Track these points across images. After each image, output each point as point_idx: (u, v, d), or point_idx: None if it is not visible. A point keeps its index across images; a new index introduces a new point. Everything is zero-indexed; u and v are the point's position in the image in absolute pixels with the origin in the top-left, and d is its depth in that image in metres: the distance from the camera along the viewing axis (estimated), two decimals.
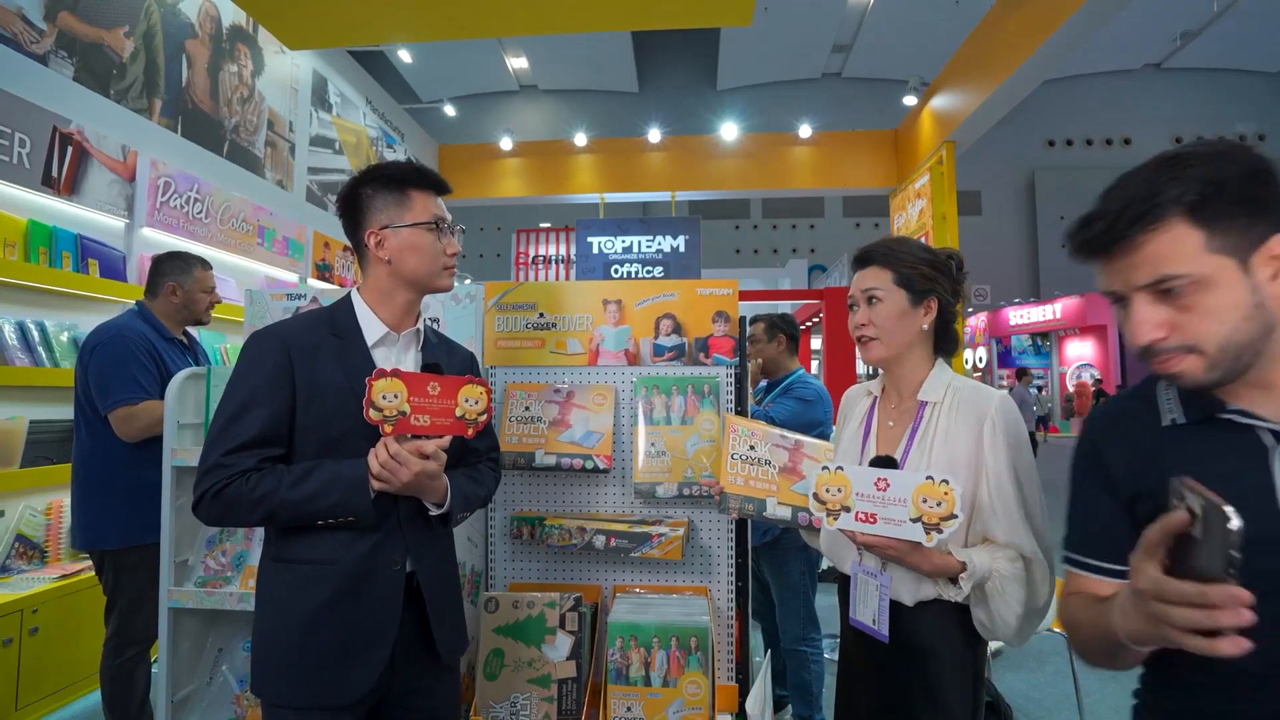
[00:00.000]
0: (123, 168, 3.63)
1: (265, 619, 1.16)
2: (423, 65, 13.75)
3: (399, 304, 1.26)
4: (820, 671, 2.42)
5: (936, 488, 1.05)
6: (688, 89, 17.75)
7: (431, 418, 1.12)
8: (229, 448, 1.11)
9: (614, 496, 1.85)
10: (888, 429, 1.28)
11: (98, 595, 2.78)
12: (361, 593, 1.14)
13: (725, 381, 1.83)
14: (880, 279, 1.25)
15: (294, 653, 1.12)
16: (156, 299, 2.29)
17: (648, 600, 1.71)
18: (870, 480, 1.09)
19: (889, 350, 1.25)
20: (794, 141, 9.34)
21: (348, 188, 1.26)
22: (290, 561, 1.16)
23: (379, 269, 1.25)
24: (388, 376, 1.10)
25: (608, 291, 1.91)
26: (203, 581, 1.80)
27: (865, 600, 1.18)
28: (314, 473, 1.11)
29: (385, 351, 1.25)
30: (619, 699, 1.53)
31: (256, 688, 1.15)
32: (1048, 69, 5.97)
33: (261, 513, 1.10)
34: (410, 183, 1.24)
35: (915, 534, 1.05)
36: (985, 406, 1.17)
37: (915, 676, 1.16)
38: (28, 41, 3.22)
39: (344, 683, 1.12)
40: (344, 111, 6.98)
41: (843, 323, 5.47)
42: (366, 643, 1.14)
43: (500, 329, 1.93)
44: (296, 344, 1.17)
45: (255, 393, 1.14)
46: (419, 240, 1.23)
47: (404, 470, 1.09)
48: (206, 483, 1.10)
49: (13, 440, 2.80)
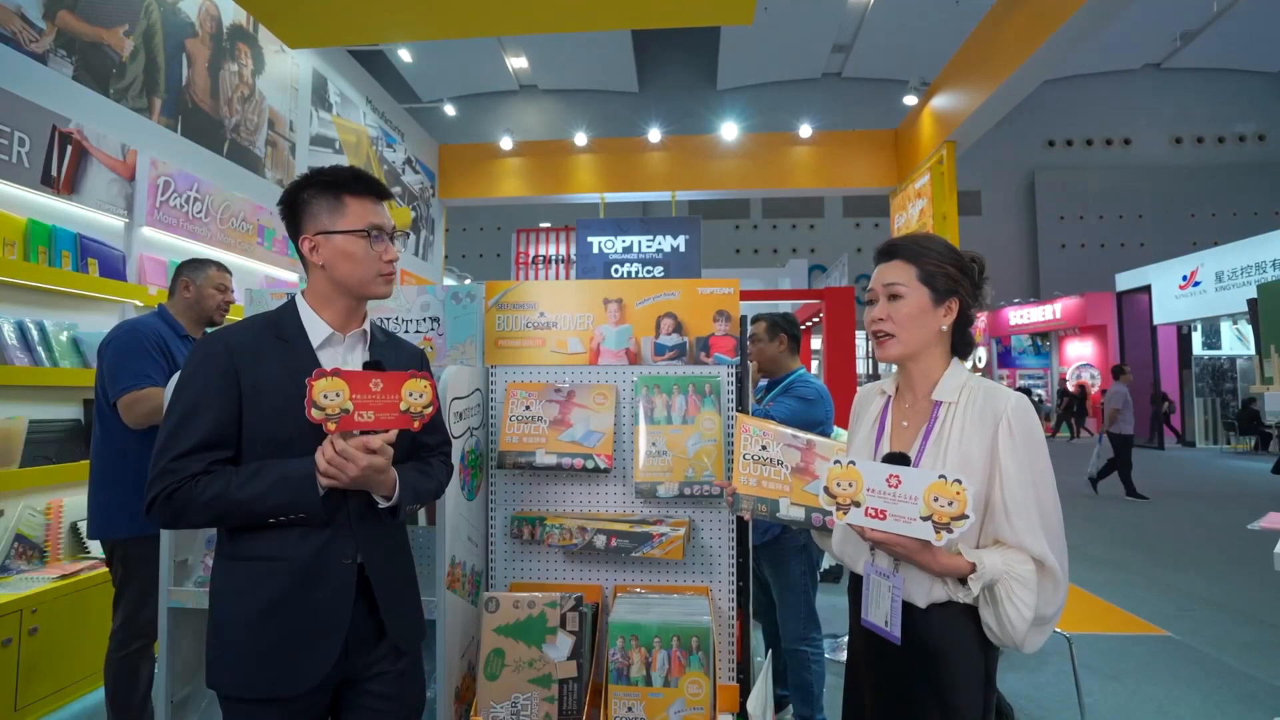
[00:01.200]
0: (122, 167, 3.62)
1: (217, 613, 1.18)
2: (423, 65, 13.76)
3: (339, 308, 1.27)
4: (821, 671, 2.41)
5: (949, 487, 1.03)
6: (688, 89, 17.76)
7: (375, 413, 1.13)
8: (177, 452, 1.13)
9: (615, 496, 1.84)
10: (901, 429, 1.26)
11: (97, 595, 2.79)
12: (312, 587, 1.16)
13: (726, 381, 1.82)
14: (904, 274, 1.22)
15: (246, 646, 1.14)
16: (173, 298, 2.39)
17: (649, 600, 1.71)
18: (882, 476, 1.08)
19: (905, 349, 1.22)
20: (794, 141, 9.34)
21: (288, 191, 1.26)
22: (242, 559, 1.18)
23: (317, 274, 1.26)
24: (328, 376, 1.11)
25: (608, 291, 1.90)
26: (202, 581, 1.80)
27: (877, 601, 1.17)
28: (261, 473, 1.13)
29: (332, 352, 1.26)
30: (620, 699, 1.53)
31: (211, 681, 1.17)
32: (1049, 68, 5.98)
33: (212, 514, 1.12)
34: (345, 189, 1.24)
35: (925, 532, 1.04)
36: (1001, 407, 1.14)
37: (926, 678, 1.14)
38: (27, 40, 3.22)
39: (295, 674, 1.14)
40: (344, 111, 6.97)
41: (843, 323, 5.47)
42: (317, 634, 1.16)
43: (500, 328, 1.92)
44: (241, 348, 1.19)
45: (201, 397, 1.15)
46: (351, 247, 1.23)
47: (350, 465, 1.10)
48: (156, 487, 1.12)
49: (12, 440, 2.79)
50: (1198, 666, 3.22)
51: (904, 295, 1.21)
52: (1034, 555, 1.09)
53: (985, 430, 1.14)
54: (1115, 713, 2.77)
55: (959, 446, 1.15)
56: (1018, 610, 1.08)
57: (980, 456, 1.13)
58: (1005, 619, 1.09)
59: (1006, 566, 1.08)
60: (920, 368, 1.24)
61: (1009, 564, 1.09)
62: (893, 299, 1.22)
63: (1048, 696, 2.86)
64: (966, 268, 1.23)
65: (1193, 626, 3.75)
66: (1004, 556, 1.10)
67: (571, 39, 14.33)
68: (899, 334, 1.21)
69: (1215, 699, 2.88)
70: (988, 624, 1.12)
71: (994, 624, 1.11)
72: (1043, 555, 1.09)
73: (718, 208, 17.97)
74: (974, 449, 1.14)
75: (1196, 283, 12.43)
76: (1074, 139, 19.46)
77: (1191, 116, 18.89)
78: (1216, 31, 15.89)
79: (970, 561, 1.08)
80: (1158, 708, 2.81)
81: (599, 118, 15.38)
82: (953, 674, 1.13)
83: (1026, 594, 1.08)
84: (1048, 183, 19.19)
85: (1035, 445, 1.13)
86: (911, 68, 9.52)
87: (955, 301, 1.22)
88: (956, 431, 1.17)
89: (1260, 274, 10.71)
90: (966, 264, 1.24)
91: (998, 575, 1.08)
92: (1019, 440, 1.12)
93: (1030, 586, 1.08)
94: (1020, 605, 1.08)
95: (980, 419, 1.15)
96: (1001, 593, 1.09)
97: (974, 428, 1.15)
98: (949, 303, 1.22)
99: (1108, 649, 3.40)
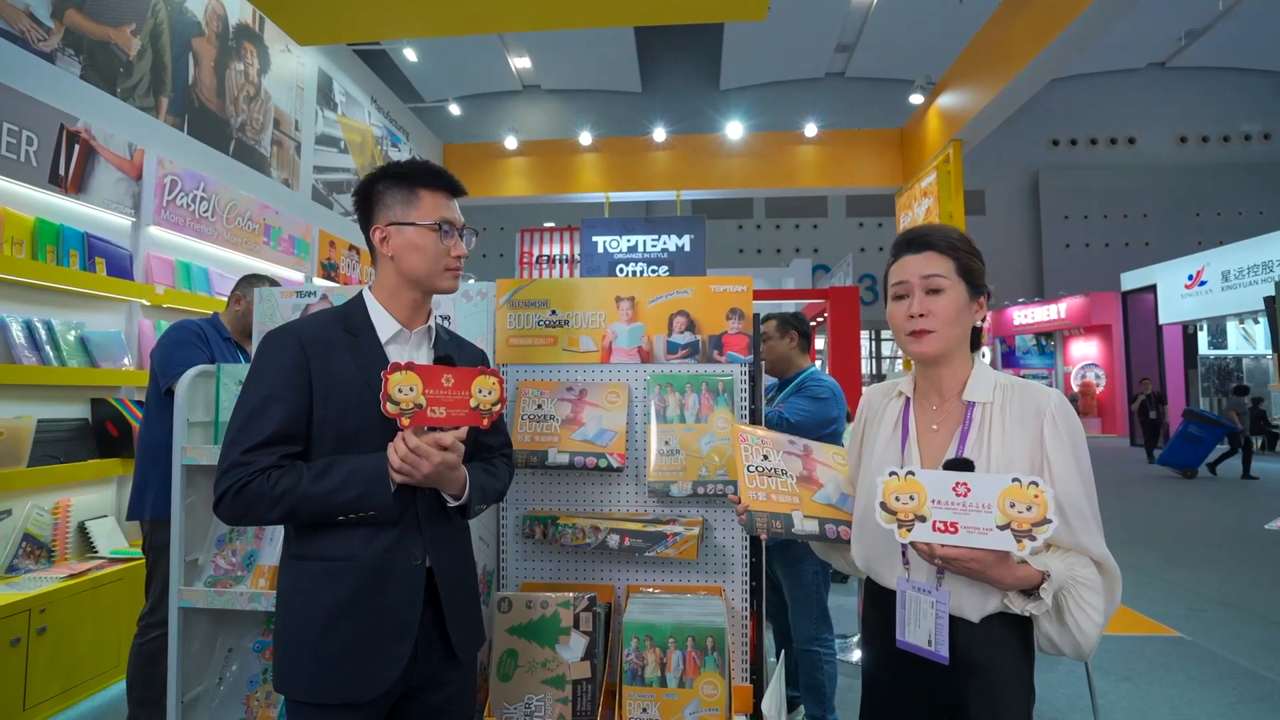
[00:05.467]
0: (130, 166, 3.62)
1: (286, 616, 1.15)
2: (427, 66, 13.76)
3: (406, 302, 1.26)
4: (833, 672, 2.39)
5: (1025, 490, 0.94)
6: (691, 89, 17.75)
7: (447, 409, 1.13)
8: (248, 445, 1.10)
9: (628, 495, 1.83)
10: (931, 433, 1.18)
11: (106, 594, 2.79)
12: (381, 588, 1.14)
13: (740, 379, 1.81)
14: (943, 266, 1.13)
15: (317, 649, 1.11)
16: (227, 310, 2.62)
17: (662, 600, 1.69)
18: (948, 485, 0.97)
19: (944, 345, 1.13)
20: (799, 140, 9.33)
21: (363, 183, 1.27)
22: (310, 559, 1.15)
23: (386, 265, 1.26)
24: (403, 370, 1.10)
25: (620, 288, 1.89)
26: (213, 581, 1.79)
27: (918, 619, 1.07)
28: (334, 468, 1.11)
29: (398, 348, 1.26)
30: (634, 700, 1.51)
31: (279, 685, 1.14)
32: (1058, 66, 5.96)
33: (282, 509, 1.09)
34: (420, 182, 1.24)
35: (1005, 542, 0.93)
36: (1043, 404, 1.08)
37: (977, 696, 1.07)
38: (35, 39, 3.22)
39: (369, 677, 1.12)
40: (349, 110, 6.97)
41: (847, 323, 5.46)
42: (389, 637, 1.13)
43: (512, 326, 1.91)
44: (312, 341, 1.17)
45: (274, 390, 1.13)
46: (422, 240, 1.23)
47: (425, 462, 1.09)
48: (227, 481, 1.10)
49: (20, 439, 2.79)
50: (1211, 668, 3.19)
51: (944, 289, 1.12)
52: (1094, 557, 1.04)
53: (1029, 430, 1.08)
54: (1129, 715, 2.75)
55: (1002, 449, 1.08)
56: (1088, 617, 1.02)
57: (1025, 458, 1.07)
58: (1075, 627, 1.03)
59: (1071, 572, 1.02)
60: (950, 367, 1.17)
61: (1072, 569, 1.02)
62: (932, 293, 1.13)
63: (1059, 697, 2.84)
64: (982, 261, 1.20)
65: (1205, 627, 3.72)
66: (1064, 561, 1.03)
67: (574, 40, 14.32)
68: (940, 330, 1.12)
69: (1230, 701, 2.86)
70: (1047, 635, 1.06)
71: (1055, 634, 1.05)
72: (1102, 556, 1.04)
73: (721, 207, 17.95)
74: (1018, 451, 1.07)
75: (1202, 282, 12.37)
76: (1078, 138, 19.39)
77: (1196, 116, 18.80)
78: (1221, 30, 15.82)
79: (1041, 570, 1.00)
80: (1172, 709, 2.79)
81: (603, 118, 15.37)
82: (1004, 689, 1.06)
83: (1095, 598, 1.03)
84: (1052, 182, 19.12)
85: (1080, 442, 1.08)
86: (914, 68, 9.49)
87: (985, 297, 1.17)
88: (998, 433, 1.09)
89: (1268, 273, 10.65)
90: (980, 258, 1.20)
91: (1063, 581, 1.02)
92: (1065, 438, 1.06)
93: (1098, 590, 1.03)
94: (1091, 611, 1.02)
95: (1022, 419, 1.09)
96: (1068, 601, 1.02)
97: (1016, 428, 1.09)
98: (980, 298, 1.17)
99: (1119, 650, 3.38)
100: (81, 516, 3.10)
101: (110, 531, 3.16)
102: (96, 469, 3.10)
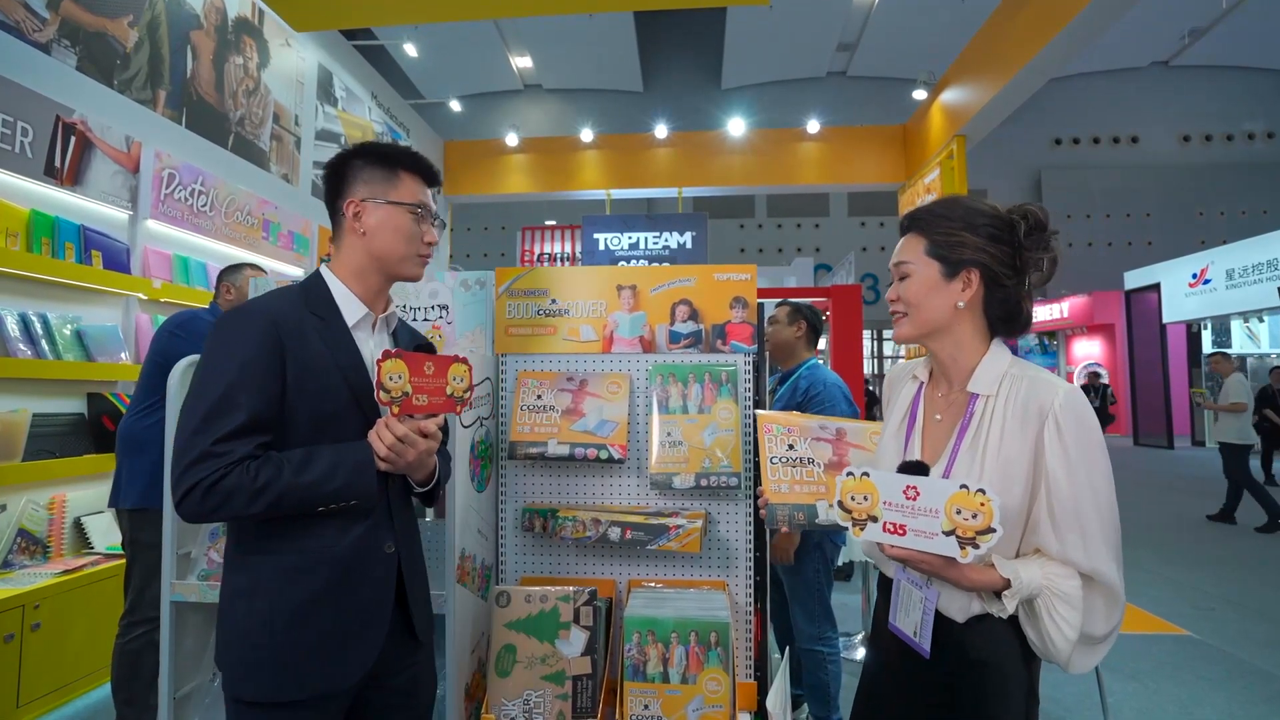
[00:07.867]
0: (126, 159, 3.59)
1: (247, 615, 1.07)
2: (427, 63, 13.71)
3: (371, 285, 1.21)
4: (838, 671, 2.35)
5: (972, 498, 0.93)
6: (692, 88, 17.70)
7: (429, 397, 1.12)
8: (222, 433, 1.01)
9: (629, 487, 1.79)
10: (934, 424, 1.14)
11: (100, 590, 2.75)
12: (354, 580, 1.11)
13: (744, 369, 1.77)
14: (911, 250, 1.12)
15: (287, 645, 1.06)
16: (217, 300, 2.62)
17: (664, 594, 1.66)
18: (899, 488, 0.99)
19: (916, 329, 1.12)
20: (801, 136, 9.30)
21: (338, 156, 1.21)
22: (279, 553, 1.09)
23: (354, 242, 1.19)
24: (393, 357, 1.08)
25: (622, 277, 1.85)
26: (205, 575, 1.75)
27: (908, 609, 1.08)
28: (316, 457, 1.06)
29: (364, 335, 1.21)
30: (636, 696, 1.47)
31: (238, 689, 1.06)
32: (1062, 61, 5.92)
33: (263, 503, 1.01)
34: (401, 164, 1.21)
35: (948, 548, 0.94)
36: (1047, 402, 1.01)
37: (967, 690, 1.06)
38: (30, 30, 3.18)
39: (344, 666, 1.09)
40: (349, 106, 6.94)
41: (849, 321, 5.42)
42: (365, 625, 1.12)
43: (511, 315, 1.87)
44: (284, 322, 1.10)
45: (245, 373, 1.04)
46: (399, 220, 1.18)
47: (411, 450, 1.09)
48: (197, 475, 0.99)
49: (15, 433, 2.76)
50: (1219, 666, 3.15)
51: (911, 273, 1.12)
52: (1082, 570, 0.98)
53: (1028, 430, 1.02)
54: (1138, 714, 2.71)
55: (998, 449, 1.03)
56: (1059, 629, 0.98)
57: (1022, 460, 1.01)
58: (1047, 637, 0.99)
59: (1047, 581, 0.98)
60: (946, 351, 1.12)
61: (1050, 578, 0.98)
62: (903, 278, 1.13)
63: (1066, 696, 2.80)
64: (1000, 230, 1.08)
65: (1212, 626, 3.68)
66: (1044, 569, 0.99)
67: (576, 39, 14.29)
68: (911, 313, 1.12)
69: (1239, 699, 2.82)
70: (1031, 639, 1.03)
71: (1037, 640, 1.02)
72: (1093, 570, 0.97)
73: (722, 206, 17.90)
74: (1014, 452, 1.02)
75: (1206, 280, 12.31)
76: (1080, 137, 19.31)
77: (1200, 114, 18.73)
78: (1225, 29, 15.74)
79: (1004, 577, 0.98)
80: (1181, 708, 2.75)
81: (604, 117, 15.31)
82: (995, 686, 1.04)
83: (1070, 612, 0.97)
84: (1054, 181, 19.04)
85: (1090, 446, 1.00)
86: (917, 67, 9.43)
87: (974, 273, 1.08)
88: (996, 431, 1.04)
89: (1273, 271, 10.59)
90: (1001, 225, 1.09)
91: (1036, 590, 0.98)
92: (1069, 442, 0.99)
93: (1074, 604, 0.97)
94: (1062, 624, 0.98)
95: (1022, 417, 1.03)
96: (1042, 609, 0.99)
97: (1015, 426, 1.03)
98: (966, 275, 1.08)
99: (1126, 648, 3.34)
100: (77, 512, 3.07)
101: (106, 527, 3.12)
102: (92, 464, 3.07)
